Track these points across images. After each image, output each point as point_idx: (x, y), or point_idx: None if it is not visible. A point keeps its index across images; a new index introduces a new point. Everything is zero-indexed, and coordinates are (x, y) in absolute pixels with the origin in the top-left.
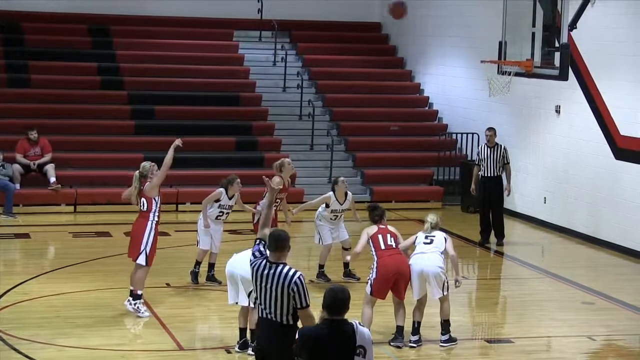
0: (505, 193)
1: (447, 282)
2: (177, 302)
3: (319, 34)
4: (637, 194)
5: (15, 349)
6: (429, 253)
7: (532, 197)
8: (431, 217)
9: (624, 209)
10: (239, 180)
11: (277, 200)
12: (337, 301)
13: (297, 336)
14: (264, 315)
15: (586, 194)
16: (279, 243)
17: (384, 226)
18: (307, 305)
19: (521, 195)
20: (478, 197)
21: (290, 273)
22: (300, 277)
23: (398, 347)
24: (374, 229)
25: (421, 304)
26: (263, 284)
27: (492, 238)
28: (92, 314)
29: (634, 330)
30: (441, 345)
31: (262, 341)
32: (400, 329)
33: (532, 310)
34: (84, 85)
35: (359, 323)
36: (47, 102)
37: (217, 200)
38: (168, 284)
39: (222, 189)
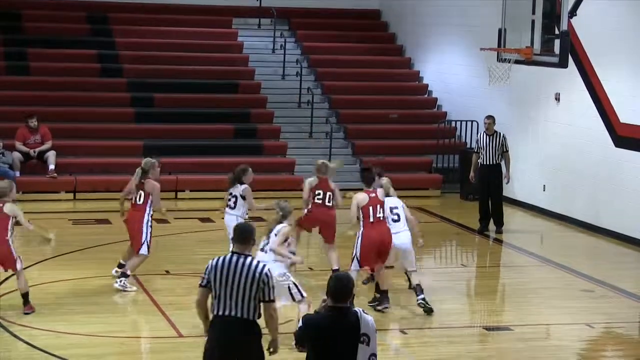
0: (505, 181)
1: None
2: (176, 289)
3: (318, 22)
4: (636, 182)
5: (15, 336)
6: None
7: (531, 184)
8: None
9: (623, 197)
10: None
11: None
12: (341, 288)
13: (299, 324)
14: (225, 313)
15: (585, 181)
16: (244, 235)
17: (374, 195)
18: (273, 300)
19: (520, 183)
20: (477, 185)
21: (260, 265)
22: (270, 269)
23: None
24: (365, 198)
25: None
26: (228, 277)
27: (491, 226)
28: (91, 301)
29: (633, 318)
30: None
31: (220, 342)
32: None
33: (531, 298)
34: (83, 72)
35: (363, 311)
36: (47, 89)
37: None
38: (167, 271)
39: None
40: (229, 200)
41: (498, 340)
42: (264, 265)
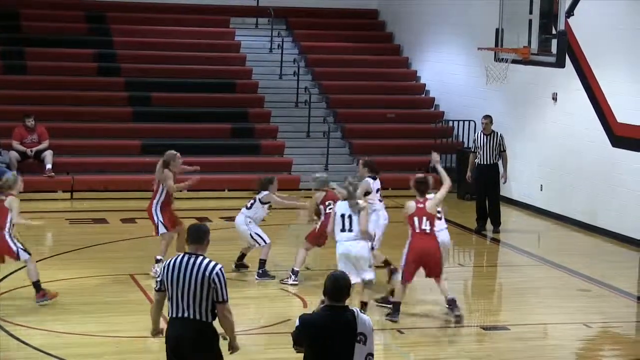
0: (502, 180)
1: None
2: None
3: (316, 21)
4: (633, 181)
5: (12, 335)
6: None
7: (528, 184)
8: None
9: (620, 196)
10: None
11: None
12: (337, 287)
13: (296, 323)
14: (179, 315)
15: (583, 181)
16: (198, 235)
17: (422, 205)
18: (227, 300)
19: (517, 182)
20: (474, 185)
21: (212, 264)
22: (222, 269)
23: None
24: (413, 206)
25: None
26: (180, 277)
27: (489, 225)
28: (88, 301)
29: (629, 318)
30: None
31: (174, 344)
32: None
33: (528, 298)
34: (80, 72)
35: (360, 310)
36: (44, 88)
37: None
38: None
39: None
40: (248, 201)
41: (495, 339)
42: (216, 265)
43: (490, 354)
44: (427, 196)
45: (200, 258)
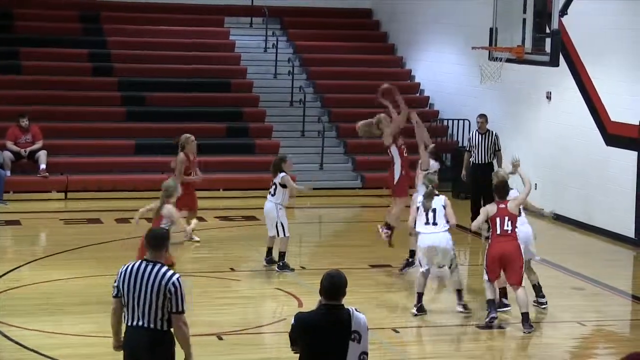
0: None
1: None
2: None
3: (310, 21)
4: (627, 180)
5: (5, 336)
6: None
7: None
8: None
9: (614, 195)
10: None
11: None
12: (333, 286)
13: (292, 321)
14: (134, 323)
15: (577, 180)
16: (157, 241)
17: (504, 206)
18: (183, 311)
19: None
20: (469, 184)
21: (169, 274)
22: (179, 279)
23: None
24: (494, 209)
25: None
26: (136, 285)
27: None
28: (83, 301)
29: (624, 316)
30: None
31: (129, 353)
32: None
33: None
34: (74, 72)
35: (356, 309)
36: (38, 88)
37: (285, 186)
38: None
39: (285, 174)
40: (270, 187)
41: (490, 337)
42: (173, 274)
43: (485, 352)
44: (509, 202)
45: (158, 266)
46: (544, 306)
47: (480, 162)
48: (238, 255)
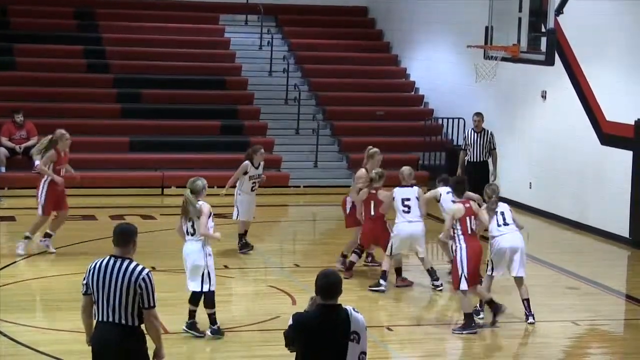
0: (491, 178)
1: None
2: (162, 285)
3: (305, 18)
4: (622, 180)
5: (0, 332)
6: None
7: (517, 182)
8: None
9: (609, 195)
10: (262, 149)
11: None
12: (329, 285)
13: (289, 322)
14: (103, 318)
15: (572, 179)
16: (124, 237)
17: (468, 205)
18: (154, 306)
19: (507, 180)
20: None
21: (138, 269)
22: (149, 274)
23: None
24: (461, 210)
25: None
26: (105, 281)
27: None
28: (77, 298)
29: (618, 316)
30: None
31: (99, 349)
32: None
33: (516, 295)
34: (69, 68)
35: (354, 309)
36: (33, 85)
37: (246, 173)
38: (153, 267)
39: (247, 162)
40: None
41: (484, 337)
42: (143, 269)
43: (479, 351)
44: (471, 200)
45: (127, 262)
46: (439, 288)
47: (475, 160)
48: (231, 253)
